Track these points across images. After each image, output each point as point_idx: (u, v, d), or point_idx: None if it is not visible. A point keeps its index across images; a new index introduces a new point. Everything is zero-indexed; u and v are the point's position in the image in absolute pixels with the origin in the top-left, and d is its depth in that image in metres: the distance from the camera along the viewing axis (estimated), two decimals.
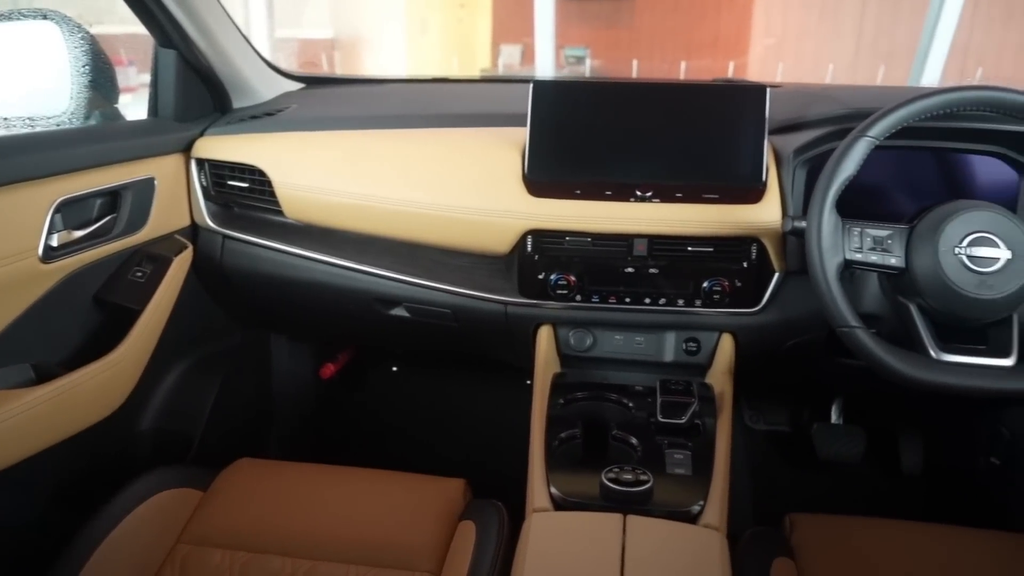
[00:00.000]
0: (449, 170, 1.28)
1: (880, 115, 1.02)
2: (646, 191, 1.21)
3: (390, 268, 1.35)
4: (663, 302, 1.25)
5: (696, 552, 0.91)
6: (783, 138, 1.27)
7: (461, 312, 1.35)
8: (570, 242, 1.24)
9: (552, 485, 1.02)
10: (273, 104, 1.59)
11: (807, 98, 1.39)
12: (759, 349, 1.29)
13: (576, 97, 1.23)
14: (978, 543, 1.12)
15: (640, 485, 0.97)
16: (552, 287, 1.25)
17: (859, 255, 1.02)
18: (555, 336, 1.33)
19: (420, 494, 1.18)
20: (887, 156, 1.31)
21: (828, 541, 1.11)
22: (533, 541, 0.93)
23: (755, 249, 1.22)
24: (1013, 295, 0.98)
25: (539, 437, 1.12)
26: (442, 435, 1.96)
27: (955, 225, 1.00)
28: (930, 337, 1.01)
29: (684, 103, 1.22)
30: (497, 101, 1.55)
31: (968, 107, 1.01)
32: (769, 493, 1.80)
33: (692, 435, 1.12)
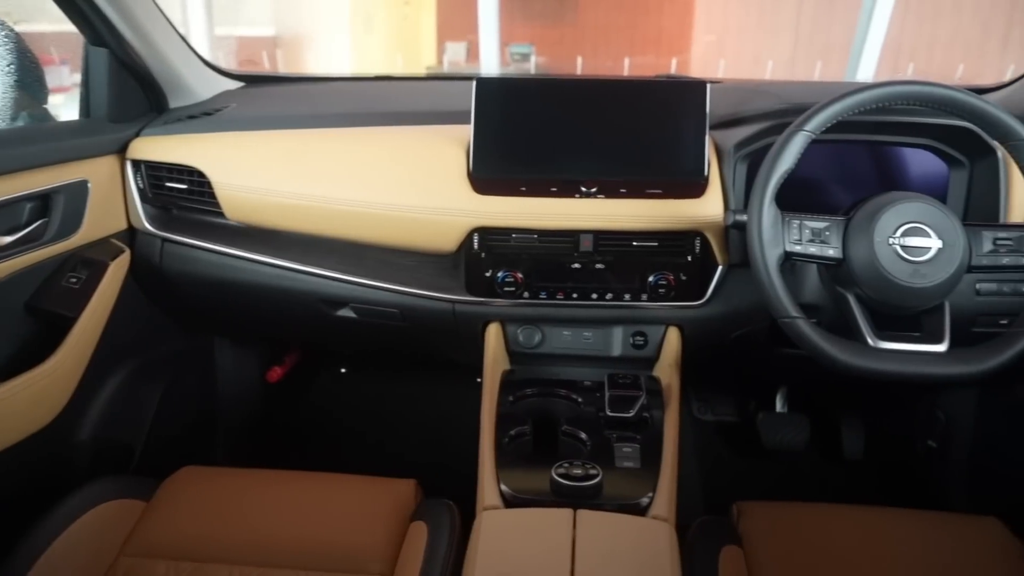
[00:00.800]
0: (394, 169, 1.27)
1: (816, 110, 1.04)
2: (591, 187, 1.21)
3: (336, 269, 1.34)
4: (610, 297, 1.26)
5: (645, 543, 0.92)
6: (724, 133, 1.29)
7: (409, 312, 1.34)
8: (516, 239, 1.24)
9: (502, 482, 1.03)
10: (211, 103, 1.55)
11: (746, 94, 1.42)
12: (705, 341, 1.31)
13: (520, 94, 1.23)
14: (917, 523, 1.16)
15: (590, 479, 0.97)
16: (499, 284, 1.25)
17: (798, 247, 1.04)
18: (504, 334, 1.33)
19: (370, 496, 1.17)
20: (824, 150, 1.35)
21: (774, 527, 1.13)
22: (483, 539, 0.93)
23: (699, 243, 1.23)
24: (944, 283, 1.01)
25: (489, 435, 1.12)
26: (392, 436, 1.95)
27: (889, 216, 1.02)
28: (867, 325, 1.04)
29: (627, 99, 1.23)
30: (442, 99, 1.54)
31: (899, 101, 1.04)
32: (718, 482, 1.83)
33: (640, 428, 1.13)
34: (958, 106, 1.04)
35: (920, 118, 1.23)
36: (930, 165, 1.31)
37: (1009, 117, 1.03)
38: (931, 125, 1.24)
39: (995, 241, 1.04)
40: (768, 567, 1.05)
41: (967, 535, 1.12)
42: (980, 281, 1.22)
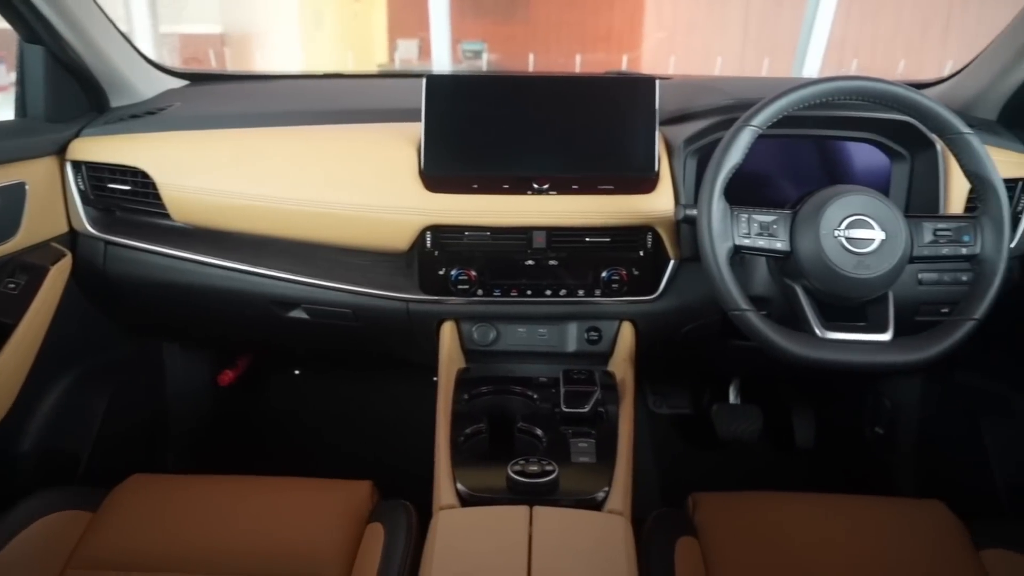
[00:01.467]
0: (344, 167, 1.26)
1: (762, 105, 1.06)
2: (543, 184, 1.21)
3: (287, 269, 1.31)
4: (564, 293, 1.26)
5: (601, 538, 0.93)
6: (674, 128, 1.30)
7: (362, 311, 1.32)
8: (469, 237, 1.24)
9: (458, 481, 1.02)
10: (155, 102, 1.51)
11: (695, 89, 1.43)
12: (658, 335, 1.32)
13: (470, 91, 1.23)
14: (865, 508, 1.18)
15: (545, 476, 0.97)
16: (453, 283, 1.25)
17: (747, 240, 1.05)
18: (458, 332, 1.32)
19: (325, 499, 1.15)
20: (772, 144, 1.37)
21: (729, 517, 1.15)
22: (440, 539, 0.93)
23: (650, 238, 1.24)
24: (888, 274, 1.03)
25: (444, 434, 1.12)
26: (348, 437, 1.93)
27: (834, 209, 1.04)
28: (815, 316, 1.06)
29: (578, 96, 1.23)
30: (393, 97, 1.53)
31: (841, 96, 1.06)
32: (674, 475, 1.85)
33: (596, 423, 1.13)
34: (898, 101, 1.06)
35: (863, 113, 1.25)
36: (873, 159, 1.34)
37: (946, 111, 1.06)
38: (873, 120, 1.27)
39: (935, 232, 1.07)
40: (723, 556, 1.07)
41: (913, 518, 1.15)
42: (922, 271, 1.25)
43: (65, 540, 1.07)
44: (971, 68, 1.43)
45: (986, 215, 1.06)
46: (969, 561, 1.07)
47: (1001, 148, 1.29)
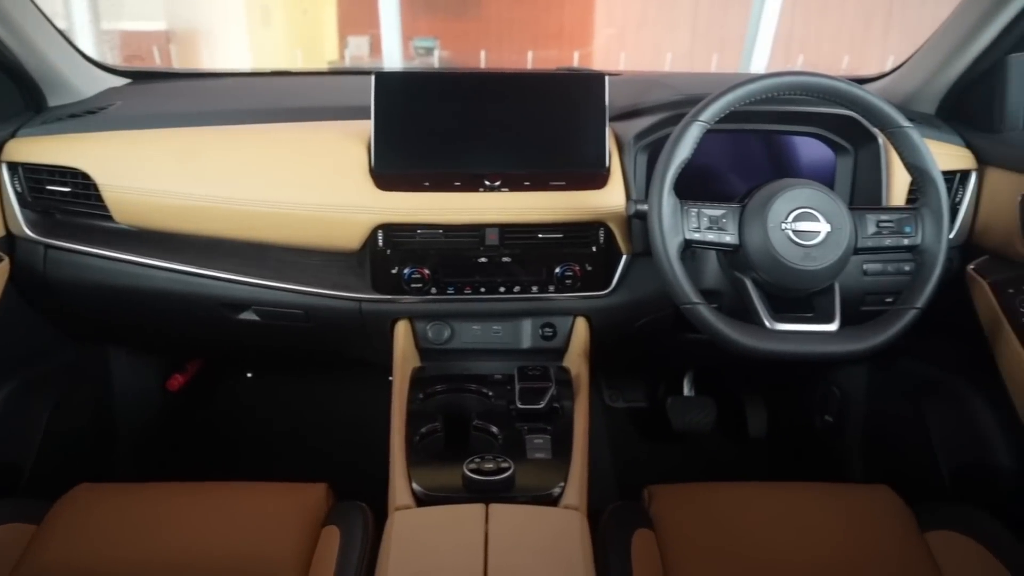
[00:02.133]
0: (293, 166, 1.24)
1: (709, 100, 1.07)
2: (495, 180, 1.21)
3: (236, 271, 1.29)
4: (517, 290, 1.26)
5: (557, 533, 0.93)
6: (624, 124, 1.31)
7: (314, 312, 1.31)
8: (422, 235, 1.23)
9: (414, 481, 1.01)
10: (95, 101, 1.47)
11: (645, 85, 1.45)
12: (612, 330, 1.33)
13: (420, 88, 1.22)
14: (816, 495, 1.21)
15: (501, 473, 0.97)
16: (406, 281, 1.24)
17: (697, 234, 1.07)
18: (412, 330, 1.31)
19: (280, 503, 1.13)
20: (721, 139, 1.38)
21: (684, 508, 1.16)
22: (395, 540, 0.92)
23: (603, 233, 1.25)
24: (833, 265, 1.06)
25: (399, 434, 1.11)
26: (303, 440, 1.90)
27: (781, 202, 1.06)
28: (764, 308, 1.07)
29: (528, 92, 1.23)
30: (343, 94, 1.51)
31: (786, 91, 1.08)
32: (630, 468, 1.86)
33: (551, 419, 1.13)
34: (840, 96, 1.08)
35: (808, 108, 1.28)
36: (819, 152, 1.36)
37: (887, 105, 1.08)
38: (818, 114, 1.29)
39: (878, 224, 1.09)
40: (679, 547, 1.08)
41: (861, 504, 1.18)
42: (866, 262, 1.28)
43: (8, 554, 1.04)
44: (910, 64, 1.47)
45: (926, 207, 1.08)
46: (915, 543, 1.10)
47: (939, 141, 1.33)
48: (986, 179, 1.32)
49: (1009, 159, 1.28)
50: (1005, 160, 1.28)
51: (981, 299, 1.28)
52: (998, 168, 1.30)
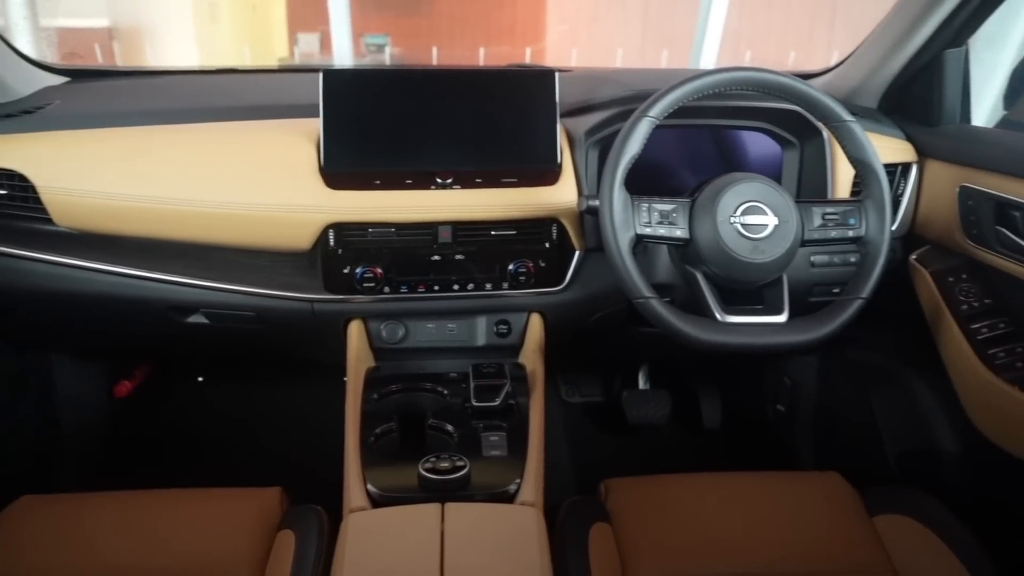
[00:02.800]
0: (241, 166, 1.21)
1: (658, 96, 1.08)
2: (446, 178, 1.21)
3: (183, 273, 1.26)
4: (471, 287, 1.26)
5: (513, 530, 0.93)
6: (575, 120, 1.31)
7: (265, 313, 1.28)
8: (373, 234, 1.22)
9: (369, 482, 1.00)
10: (32, 100, 1.42)
11: (595, 81, 1.45)
12: (567, 325, 1.34)
13: (369, 86, 1.21)
14: (768, 484, 1.23)
15: (457, 471, 0.97)
16: (359, 281, 1.22)
17: (648, 229, 1.07)
18: (366, 330, 1.30)
19: (233, 509, 1.11)
20: (671, 134, 1.40)
21: (640, 501, 1.17)
22: (350, 543, 0.91)
23: (555, 229, 1.25)
24: (781, 257, 1.07)
25: (354, 435, 1.10)
26: (256, 444, 1.87)
27: (729, 196, 1.08)
28: (715, 301, 1.09)
29: (479, 89, 1.23)
30: (292, 92, 1.48)
31: (733, 87, 1.09)
32: (587, 462, 1.88)
33: (507, 416, 1.13)
34: (785, 91, 1.10)
35: (755, 103, 1.30)
36: (766, 147, 1.39)
37: (831, 100, 1.11)
38: (765, 109, 1.31)
39: (824, 216, 1.11)
40: (635, 539, 1.09)
41: (812, 490, 1.21)
42: (813, 254, 1.31)
43: None
44: (852, 59, 1.50)
45: (869, 199, 1.11)
46: (863, 527, 1.13)
47: (881, 135, 1.36)
48: (926, 171, 1.36)
49: (947, 151, 1.31)
50: (943, 152, 1.32)
51: (923, 288, 1.32)
52: (937, 160, 1.34)
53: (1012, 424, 1.12)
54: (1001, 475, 1.21)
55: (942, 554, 1.07)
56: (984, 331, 1.20)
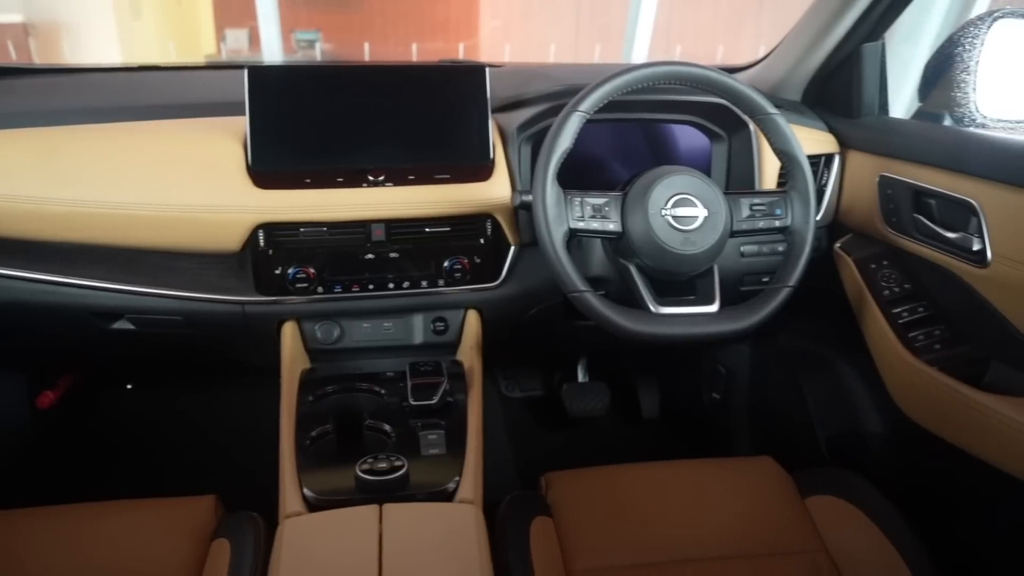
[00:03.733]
0: (164, 166, 1.17)
1: (588, 91, 1.09)
2: (378, 175, 1.19)
3: (106, 278, 1.21)
4: (407, 285, 1.25)
5: (452, 528, 0.92)
6: (507, 116, 1.31)
7: (194, 317, 1.25)
8: (305, 233, 1.20)
9: (305, 486, 0.99)
10: None
11: (526, 77, 1.46)
12: (504, 321, 1.34)
13: (297, 82, 1.19)
14: (705, 471, 1.26)
15: (395, 472, 0.96)
16: (291, 281, 1.20)
17: (581, 223, 1.08)
18: (300, 331, 1.28)
19: (165, 520, 1.08)
20: (603, 129, 1.41)
21: (580, 493, 1.18)
22: (286, 549, 0.89)
23: (490, 225, 1.25)
24: (711, 248, 1.09)
25: (289, 439, 1.08)
26: (190, 451, 1.82)
27: (660, 189, 1.09)
28: (648, 293, 1.10)
29: (409, 85, 1.22)
30: (219, 89, 1.44)
31: (661, 81, 1.11)
32: (529, 457, 1.88)
33: (445, 414, 1.13)
34: (712, 85, 1.12)
35: (684, 96, 1.32)
36: (696, 140, 1.41)
37: (756, 93, 1.13)
38: (693, 103, 1.33)
39: (751, 207, 1.14)
40: (576, 531, 1.10)
41: (747, 475, 1.24)
42: (743, 244, 1.34)
43: None
44: (776, 53, 1.54)
45: (794, 190, 1.14)
46: (796, 509, 1.16)
47: (805, 127, 1.40)
48: (848, 162, 1.40)
49: (867, 142, 1.36)
50: (863, 143, 1.37)
51: (847, 275, 1.36)
52: (858, 151, 1.38)
53: (931, 404, 1.17)
54: (923, 453, 1.26)
55: (869, 531, 1.11)
56: (905, 315, 1.24)
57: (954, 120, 1.28)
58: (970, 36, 1.19)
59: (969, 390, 1.09)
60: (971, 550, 1.21)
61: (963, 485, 1.24)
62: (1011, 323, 1.09)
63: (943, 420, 1.15)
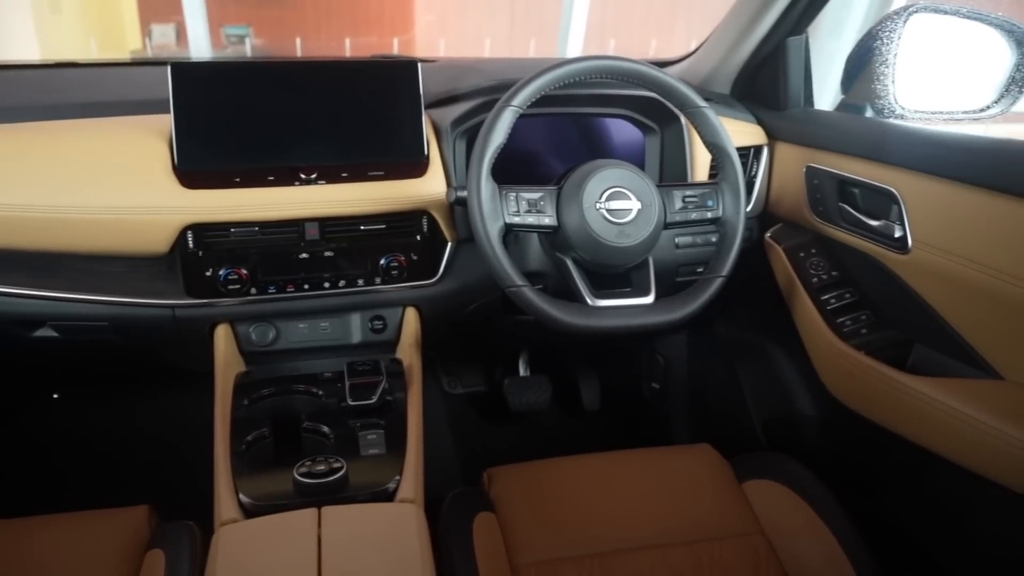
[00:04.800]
0: (86, 166, 1.13)
1: (520, 86, 1.09)
2: (310, 173, 1.17)
3: (25, 284, 1.16)
4: (343, 284, 1.23)
5: (393, 528, 0.92)
6: (440, 111, 1.31)
7: (122, 323, 1.21)
8: (236, 233, 1.17)
9: (241, 492, 0.97)
10: None
11: (460, 72, 1.45)
12: (443, 317, 1.33)
13: (224, 79, 1.16)
14: (645, 460, 1.28)
15: (333, 474, 0.95)
16: (223, 283, 1.17)
17: (517, 218, 1.08)
18: (234, 334, 1.25)
19: (96, 533, 1.04)
20: (538, 124, 1.41)
21: (523, 487, 1.19)
22: (222, 558, 0.87)
23: (426, 222, 1.24)
24: (646, 240, 1.11)
25: (223, 444, 1.05)
26: (122, 460, 1.76)
27: (594, 183, 1.10)
28: (585, 286, 1.11)
29: (341, 81, 1.20)
30: (144, 86, 1.39)
31: (593, 75, 1.11)
32: (472, 453, 1.88)
33: (384, 413, 1.12)
34: (643, 79, 1.13)
35: (617, 91, 1.33)
36: (629, 133, 1.43)
37: (685, 87, 1.15)
38: (626, 97, 1.35)
39: (684, 199, 1.16)
40: (519, 525, 1.11)
41: (686, 463, 1.26)
42: (678, 235, 1.36)
43: None
44: (705, 47, 1.57)
45: (725, 181, 1.16)
46: (733, 494, 1.19)
47: (734, 119, 1.43)
48: (776, 153, 1.44)
49: (793, 134, 1.39)
50: (790, 135, 1.40)
51: (777, 264, 1.39)
52: (785, 143, 1.41)
53: (859, 386, 1.20)
54: (853, 434, 1.30)
55: (803, 512, 1.15)
56: (832, 301, 1.28)
57: (875, 111, 1.32)
58: (888, 30, 1.23)
59: (894, 372, 1.13)
60: (898, 523, 1.25)
61: (889, 463, 1.28)
62: (931, 307, 1.13)
63: (870, 402, 1.19)
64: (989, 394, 1.02)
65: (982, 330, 1.07)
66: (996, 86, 1.20)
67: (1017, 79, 1.18)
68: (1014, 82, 1.18)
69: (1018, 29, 1.16)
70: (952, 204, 1.06)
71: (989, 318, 1.05)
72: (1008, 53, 1.18)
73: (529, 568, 1.05)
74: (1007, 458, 0.95)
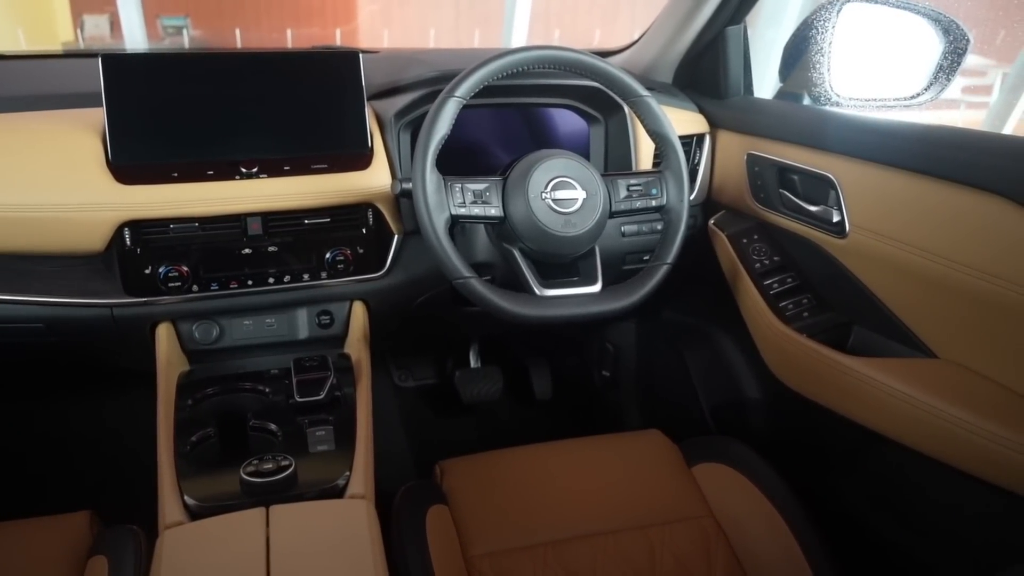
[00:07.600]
0: (14, 163, 1.09)
1: (463, 76, 1.08)
2: (251, 167, 1.15)
3: None
4: (288, 279, 1.21)
5: (343, 525, 0.91)
6: (383, 103, 1.29)
7: (57, 324, 1.17)
8: (176, 230, 1.14)
9: (186, 494, 0.94)
10: None
11: (403, 62, 1.43)
12: (391, 311, 1.32)
13: (159, 71, 1.12)
14: (597, 447, 1.29)
15: (281, 472, 0.93)
16: (163, 281, 1.14)
17: (463, 209, 1.08)
18: (176, 332, 1.22)
19: (35, 541, 1.01)
20: (484, 114, 1.41)
21: (475, 478, 1.19)
22: (166, 561, 0.85)
23: (371, 214, 1.23)
24: (592, 229, 1.12)
25: (166, 445, 1.03)
26: (61, 465, 1.71)
27: (539, 173, 1.10)
28: (533, 276, 1.11)
29: (280, 73, 1.18)
30: (75, 79, 1.35)
31: (535, 65, 1.11)
32: (425, 446, 1.88)
33: (333, 409, 1.11)
34: (585, 68, 1.14)
35: (560, 80, 1.33)
36: (574, 123, 1.43)
37: (627, 76, 1.15)
38: (570, 87, 1.35)
39: (628, 188, 1.17)
40: (472, 517, 1.11)
41: (636, 448, 1.28)
42: (624, 224, 1.37)
43: None
44: (647, 36, 1.58)
45: (668, 169, 1.17)
46: (683, 478, 1.21)
47: (676, 108, 1.45)
48: (718, 141, 1.46)
49: (734, 122, 1.42)
50: (731, 123, 1.42)
51: (722, 250, 1.41)
52: (726, 131, 1.44)
53: (800, 368, 1.23)
54: (797, 415, 1.34)
55: (751, 493, 1.17)
56: (775, 286, 1.31)
57: (812, 99, 1.35)
58: (822, 19, 1.25)
59: (834, 354, 1.16)
60: (843, 500, 1.29)
61: (833, 442, 1.32)
62: (869, 289, 1.16)
63: (812, 383, 1.22)
64: (925, 373, 1.06)
65: (917, 311, 1.11)
66: (926, 74, 1.24)
67: (945, 67, 1.22)
68: (942, 70, 1.22)
69: (944, 18, 1.19)
70: (886, 189, 1.09)
71: (923, 299, 1.08)
72: (936, 42, 1.22)
73: (483, 559, 1.06)
74: (943, 433, 0.99)
